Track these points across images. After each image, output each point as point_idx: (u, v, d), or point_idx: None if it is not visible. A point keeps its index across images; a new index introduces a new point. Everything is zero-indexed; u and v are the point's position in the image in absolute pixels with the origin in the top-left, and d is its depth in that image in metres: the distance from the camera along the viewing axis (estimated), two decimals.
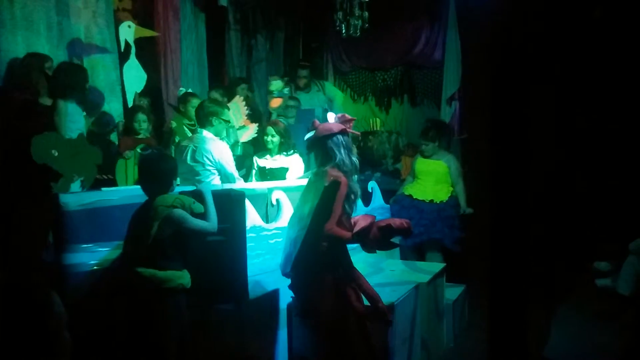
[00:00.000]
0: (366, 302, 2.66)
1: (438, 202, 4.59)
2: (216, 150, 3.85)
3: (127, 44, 4.74)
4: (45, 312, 0.75)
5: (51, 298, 0.73)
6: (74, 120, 3.79)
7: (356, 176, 2.77)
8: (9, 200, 3.63)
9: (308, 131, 2.77)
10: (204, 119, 3.94)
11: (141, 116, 4.47)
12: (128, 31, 4.75)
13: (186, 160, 3.85)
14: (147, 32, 5.03)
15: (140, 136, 4.44)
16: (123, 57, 4.80)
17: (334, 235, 2.50)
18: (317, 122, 2.75)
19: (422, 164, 4.77)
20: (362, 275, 2.71)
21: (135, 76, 4.80)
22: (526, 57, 2.31)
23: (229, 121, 4.19)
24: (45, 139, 3.55)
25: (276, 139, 4.34)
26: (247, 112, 4.98)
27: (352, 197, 2.61)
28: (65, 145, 3.64)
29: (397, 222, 2.60)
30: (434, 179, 4.69)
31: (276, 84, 5.30)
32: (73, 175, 3.67)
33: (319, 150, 2.67)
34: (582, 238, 5.12)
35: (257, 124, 4.97)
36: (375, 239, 2.53)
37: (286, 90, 5.26)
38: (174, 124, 4.60)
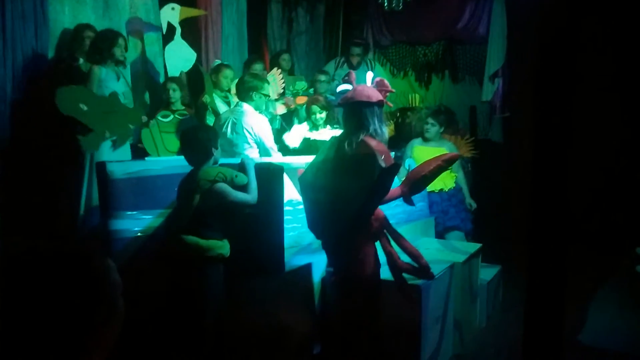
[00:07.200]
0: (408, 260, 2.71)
1: (447, 190, 4.52)
2: (256, 124, 3.86)
3: (170, 25, 4.67)
4: (102, 279, 0.78)
5: (108, 265, 0.76)
6: (107, 86, 3.88)
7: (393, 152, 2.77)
8: (54, 164, 3.77)
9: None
10: (244, 93, 3.94)
11: (172, 85, 4.31)
12: (171, 13, 4.67)
13: (226, 133, 3.88)
14: (195, 12, 4.96)
15: (172, 107, 4.31)
16: (165, 39, 4.74)
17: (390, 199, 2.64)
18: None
19: (422, 152, 4.53)
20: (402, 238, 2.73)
21: (181, 57, 4.72)
22: (576, 33, 2.21)
23: (268, 95, 4.17)
24: (71, 91, 3.63)
25: (323, 114, 4.25)
26: (283, 84, 4.97)
27: None
28: (96, 101, 3.70)
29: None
30: None
31: (300, 84, 5.22)
32: (104, 131, 3.74)
33: (353, 115, 2.58)
34: (624, 223, 4.96)
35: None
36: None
37: (311, 91, 5.17)
38: (207, 99, 4.54)
